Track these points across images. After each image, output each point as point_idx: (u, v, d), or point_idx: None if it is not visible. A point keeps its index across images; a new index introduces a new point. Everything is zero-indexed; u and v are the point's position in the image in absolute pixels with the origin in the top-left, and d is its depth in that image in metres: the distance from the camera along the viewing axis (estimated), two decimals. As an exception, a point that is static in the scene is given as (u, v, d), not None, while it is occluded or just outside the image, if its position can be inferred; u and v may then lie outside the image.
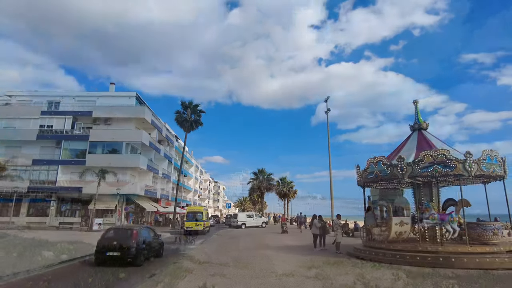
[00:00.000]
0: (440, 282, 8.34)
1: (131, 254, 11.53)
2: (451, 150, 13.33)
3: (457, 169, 11.99)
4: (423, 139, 15.03)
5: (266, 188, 56.66)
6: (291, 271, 10.05)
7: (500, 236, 12.63)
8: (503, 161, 12.77)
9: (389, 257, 11.93)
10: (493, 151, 12.48)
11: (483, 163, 12.09)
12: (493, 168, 12.31)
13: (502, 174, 12.70)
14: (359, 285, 8.04)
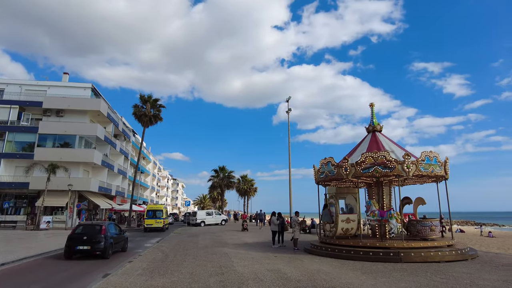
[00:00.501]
0: (391, 275, 8.82)
1: (100, 248, 12.62)
2: (398, 152, 14.18)
3: (396, 170, 12.69)
4: (374, 141, 15.84)
5: (226, 186, 56.49)
6: (250, 267, 10.10)
7: (437, 232, 13.30)
8: (445, 162, 13.52)
9: (344, 253, 12.40)
10: (433, 152, 13.10)
11: (421, 164, 12.69)
12: (432, 169, 12.85)
13: (443, 174, 13.37)
14: (314, 281, 8.24)
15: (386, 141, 15.60)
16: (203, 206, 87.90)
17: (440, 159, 13.19)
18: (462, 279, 8.40)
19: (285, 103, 35.76)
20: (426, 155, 12.85)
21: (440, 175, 13.37)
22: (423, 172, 12.75)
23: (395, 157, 13.20)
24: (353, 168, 13.67)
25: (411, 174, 12.69)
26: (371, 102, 17.08)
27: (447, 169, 13.62)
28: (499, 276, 8.82)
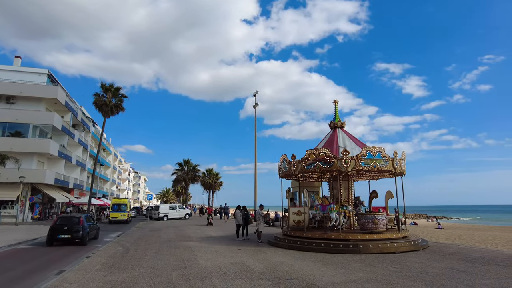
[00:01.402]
0: (350, 266, 9.18)
1: (79, 237, 14.86)
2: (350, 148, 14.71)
3: (335, 165, 13.24)
4: (332, 137, 16.45)
5: (191, 180, 55.79)
6: (213, 261, 10.07)
7: (381, 225, 13.41)
8: (393, 157, 13.61)
9: (306, 245, 12.70)
10: (376, 147, 13.36)
11: (361, 159, 13.04)
12: (375, 163, 13.10)
13: (391, 168, 13.55)
14: (277, 273, 8.39)
15: (343, 137, 16.11)
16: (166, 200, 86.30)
17: (385, 154, 13.37)
18: (414, 268, 8.92)
19: (252, 97, 35.87)
20: (368, 151, 13.22)
21: (387, 169, 13.66)
22: (363, 167, 13.17)
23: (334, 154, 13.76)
24: (300, 164, 14.37)
25: (350, 169, 13.22)
26: (335, 99, 17.57)
27: (398, 164, 13.75)
28: (446, 264, 9.49)
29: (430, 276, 7.92)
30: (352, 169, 13.45)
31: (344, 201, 16.22)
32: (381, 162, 13.25)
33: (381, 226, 13.48)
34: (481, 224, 52.76)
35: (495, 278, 7.72)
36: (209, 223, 26.11)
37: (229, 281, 7.41)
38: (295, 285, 7.06)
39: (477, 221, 68.20)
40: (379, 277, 7.82)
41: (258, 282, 7.35)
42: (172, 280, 7.55)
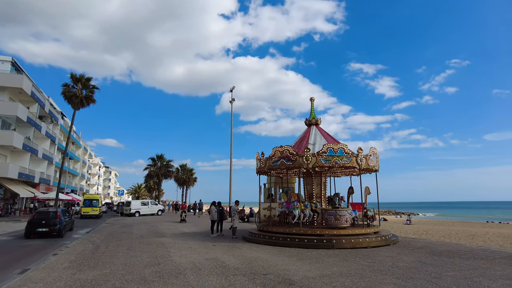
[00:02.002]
0: (325, 261, 9.33)
1: (56, 230, 15.77)
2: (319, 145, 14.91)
3: (297, 162, 13.55)
4: (305, 134, 16.69)
5: (164, 175, 54.84)
6: (187, 257, 9.92)
7: (343, 221, 13.59)
8: (358, 153, 13.49)
9: (281, 240, 12.80)
10: (338, 144, 13.71)
11: (322, 156, 13.27)
12: (336, 160, 13.29)
13: (354, 165, 13.54)
14: (252, 268, 8.38)
15: (315, 134, 16.29)
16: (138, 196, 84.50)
17: (348, 150, 13.50)
18: (386, 262, 9.19)
19: (229, 93, 35.73)
20: (329, 147, 13.41)
21: (350, 165, 13.71)
22: (325, 164, 13.41)
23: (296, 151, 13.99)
24: (267, 162, 14.81)
25: (311, 165, 13.46)
26: (311, 97, 17.77)
27: (363, 160, 13.63)
28: (415, 258, 9.85)
29: (400, 269, 8.18)
30: (313, 166, 13.69)
31: (317, 197, 16.52)
32: (343, 159, 13.35)
33: (343, 221, 13.58)
34: (445, 219, 55.38)
35: (459, 270, 8.09)
36: (182, 219, 25.71)
37: (204, 277, 7.31)
38: (271, 280, 7.08)
39: (441, 217, 71.52)
40: (352, 271, 7.99)
41: (233, 277, 7.30)
42: (145, 277, 7.36)
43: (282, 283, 6.84)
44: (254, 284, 6.73)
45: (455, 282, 6.90)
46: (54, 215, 16.23)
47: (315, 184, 16.75)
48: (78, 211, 37.42)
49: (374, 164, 14.43)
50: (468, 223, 41.23)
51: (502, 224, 42.99)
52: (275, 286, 6.62)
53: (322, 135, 16.21)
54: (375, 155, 14.70)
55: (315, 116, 17.53)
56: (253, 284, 6.77)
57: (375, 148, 14.74)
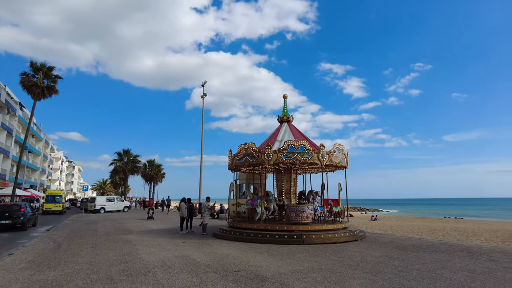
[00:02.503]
0: (295, 256, 9.38)
1: (20, 222, 16.71)
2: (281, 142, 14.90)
3: (259, 159, 13.74)
4: (276, 132, 16.78)
5: (131, 171, 53.21)
6: (156, 254, 9.63)
7: (304, 217, 13.51)
8: (320, 150, 13.56)
9: (252, 236, 12.76)
10: (299, 141, 13.62)
11: (283, 152, 13.39)
12: (297, 156, 13.36)
13: (315, 161, 13.54)
14: (224, 265, 8.26)
15: (285, 131, 16.35)
16: (103, 192, 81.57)
17: (309, 147, 13.47)
18: (355, 257, 9.40)
19: (199, 88, 35.14)
20: (290, 144, 13.50)
21: (311, 162, 13.70)
22: (285, 160, 13.56)
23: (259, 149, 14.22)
24: (234, 159, 15.05)
25: (272, 162, 13.64)
26: (284, 94, 17.79)
27: (325, 156, 13.61)
28: (382, 252, 10.15)
29: (369, 264, 8.39)
30: (275, 163, 13.83)
31: (286, 193, 16.65)
32: (304, 155, 13.38)
33: (304, 217, 13.57)
34: (407, 215, 58.00)
35: (423, 264, 8.43)
36: (149, 216, 24.97)
37: (174, 275, 7.10)
38: (243, 277, 7.00)
39: (403, 213, 74.86)
40: (323, 266, 8.08)
41: (204, 275, 7.15)
42: (112, 276, 7.03)
43: (255, 279, 6.78)
44: (226, 281, 6.62)
45: (419, 275, 7.16)
46: (18, 208, 17.12)
47: (285, 181, 16.88)
48: (38, 207, 35.48)
49: (339, 160, 14.36)
50: (428, 218, 43.45)
51: (457, 219, 45.70)
52: (247, 282, 6.54)
53: (291, 132, 16.23)
54: (342, 151, 14.56)
55: (286, 113, 17.59)
56: (225, 281, 6.66)
57: (341, 144, 14.65)
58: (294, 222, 13.59)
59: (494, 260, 9.07)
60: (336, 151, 14.21)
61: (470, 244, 12.72)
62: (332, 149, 14.09)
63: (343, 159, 14.70)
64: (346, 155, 15.15)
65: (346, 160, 15.11)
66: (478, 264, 8.49)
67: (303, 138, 15.36)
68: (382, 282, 6.53)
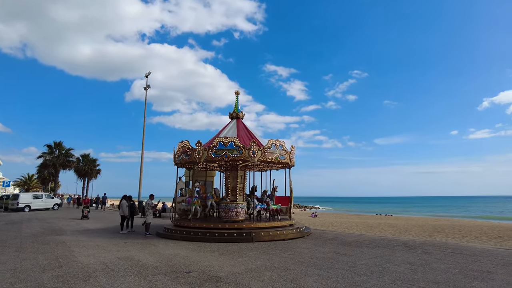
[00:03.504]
0: (247, 255, 9.21)
1: None
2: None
3: (192, 157, 13.78)
4: (223, 128, 16.55)
5: (62, 165, 48.79)
6: (96, 257, 8.77)
7: (233, 214, 13.51)
8: (251, 146, 13.19)
9: (200, 235, 12.33)
10: (228, 138, 13.33)
11: (213, 149, 13.31)
12: (226, 153, 13.21)
13: (246, 158, 13.27)
14: (173, 266, 7.80)
15: (231, 128, 16.11)
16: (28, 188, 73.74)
17: (238, 143, 13.20)
18: (304, 253, 9.52)
19: (141, 80, 33.77)
20: (219, 141, 13.36)
21: (240, 158, 13.54)
22: (215, 158, 13.53)
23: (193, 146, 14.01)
24: (174, 156, 15.02)
25: (203, 159, 13.59)
26: (236, 90, 17.56)
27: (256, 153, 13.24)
28: (329, 249, 10.44)
29: (320, 260, 8.53)
30: (205, 160, 13.73)
31: (232, 190, 16.44)
32: (233, 152, 13.23)
33: (233, 215, 13.50)
34: (343, 213, 61.45)
35: (369, 259, 8.80)
36: (84, 216, 22.84)
37: (119, 279, 6.47)
38: (196, 278, 6.62)
39: (338, 210, 79.21)
40: (276, 264, 8.02)
41: (153, 277, 6.63)
42: (44, 284, 6.17)
43: (209, 280, 6.46)
44: (178, 284, 6.20)
45: (369, 269, 7.43)
46: None
47: (231, 178, 16.66)
48: None
49: (276, 156, 13.78)
50: (362, 215, 46.44)
51: (388, 216, 49.58)
52: (201, 284, 6.19)
53: (237, 129, 15.92)
54: (280, 147, 14.07)
55: (237, 110, 17.36)
56: (177, 283, 6.24)
57: (281, 140, 14.12)
58: (224, 219, 13.52)
59: (428, 252, 9.82)
60: (272, 147, 13.72)
61: (405, 239, 13.72)
62: (267, 145, 13.65)
63: (282, 155, 14.11)
64: (290, 152, 14.67)
65: (289, 157, 14.62)
66: (415, 257, 9.11)
67: (247, 136, 15.18)
68: (336, 278, 6.64)
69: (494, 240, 16.13)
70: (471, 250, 10.29)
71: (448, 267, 7.80)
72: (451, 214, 61.64)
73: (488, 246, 12.25)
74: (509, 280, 6.61)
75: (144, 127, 32.94)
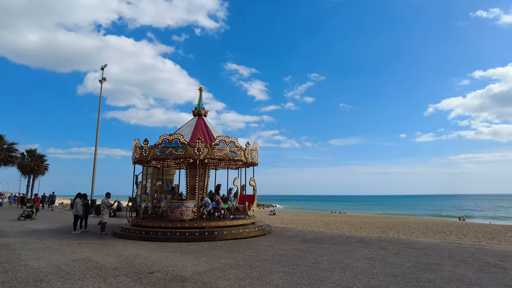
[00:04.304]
0: (210, 253, 9.09)
1: None
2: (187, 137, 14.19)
3: (141, 155, 13.74)
4: (182, 126, 16.29)
5: (4, 161, 44.93)
6: (48, 259, 8.17)
7: (178, 214, 13.29)
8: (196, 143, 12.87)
9: (160, 235, 11.98)
10: (173, 135, 13.11)
11: (158, 147, 13.19)
12: (170, 151, 13.00)
13: (191, 155, 12.92)
14: (135, 267, 7.49)
15: (189, 125, 15.84)
16: (-39, 186, 66.87)
17: (183, 140, 12.96)
18: (268, 251, 9.60)
19: (95, 73, 32.67)
20: (164, 139, 13.21)
21: (184, 155, 13.13)
22: (159, 156, 13.46)
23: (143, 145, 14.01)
24: (132, 154, 14.83)
25: (149, 157, 13.56)
26: (200, 86, 17.31)
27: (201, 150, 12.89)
28: (291, 246, 10.63)
29: (283, 257, 8.66)
30: (152, 158, 13.68)
31: (192, 188, 16.18)
32: (178, 149, 13.04)
33: (178, 214, 13.32)
34: (300, 211, 62.98)
35: (330, 255, 9.09)
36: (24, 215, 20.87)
37: (75, 282, 6.08)
38: (159, 278, 6.41)
39: (296, 208, 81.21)
40: (240, 262, 8.00)
41: (114, 279, 6.31)
42: (-11, 290, 5.64)
43: (173, 280, 6.28)
44: (142, 285, 5.96)
45: (331, 265, 7.67)
46: None
47: (191, 176, 16.41)
48: None
49: (225, 153, 13.30)
50: (319, 213, 47.94)
51: (342, 213, 51.67)
52: (166, 284, 6.00)
53: (195, 126, 15.59)
54: (231, 144, 13.56)
55: (199, 107, 17.08)
56: (140, 284, 5.99)
57: (231, 137, 13.57)
58: (171, 218, 13.38)
59: (384, 248, 10.37)
60: (221, 144, 13.27)
61: (362, 236, 14.35)
62: (215, 142, 13.25)
63: (234, 152, 13.53)
64: (245, 149, 14.09)
65: (243, 154, 14.02)
66: (373, 252, 9.57)
67: (203, 133, 14.74)
68: (301, 274, 6.77)
69: (438, 235, 17.44)
70: (420, 245, 11.02)
71: (403, 260, 8.29)
72: (400, 212, 65.80)
73: (434, 241, 13.19)
74: (454, 270, 7.17)
75: (98, 122, 31.30)
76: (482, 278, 6.49)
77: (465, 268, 7.41)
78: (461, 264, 7.86)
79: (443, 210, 71.12)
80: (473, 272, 7.01)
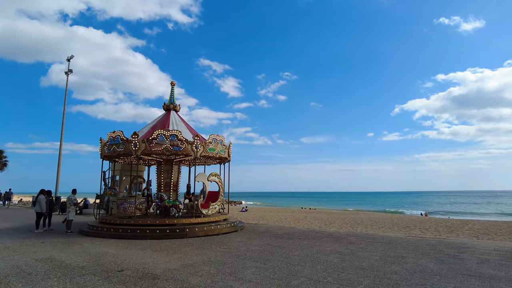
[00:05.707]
0: (182, 251, 8.98)
1: None
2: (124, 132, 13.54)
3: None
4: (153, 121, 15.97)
5: (-43, 156, 41.88)
6: (7, 260, 7.74)
7: (121, 210, 13.31)
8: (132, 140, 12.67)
9: (129, 232, 11.68)
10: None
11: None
12: (114, 148, 13.06)
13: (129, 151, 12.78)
14: (103, 266, 7.26)
15: (159, 122, 15.54)
16: None
17: (124, 137, 12.90)
18: (240, 247, 9.63)
19: (60, 64, 31.17)
20: (111, 136, 13.23)
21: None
22: (107, 153, 13.53)
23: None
24: (101, 148, 14.54)
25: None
26: (172, 81, 16.99)
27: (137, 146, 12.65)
28: (263, 242, 10.72)
29: (255, 253, 8.71)
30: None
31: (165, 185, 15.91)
32: (119, 146, 13.00)
33: (121, 211, 13.28)
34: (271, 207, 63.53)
35: (301, 250, 9.26)
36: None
37: (38, 283, 5.80)
38: (129, 276, 6.25)
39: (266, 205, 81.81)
40: (213, 258, 7.97)
41: (81, 278, 6.09)
42: None
43: (144, 278, 6.15)
44: (111, 283, 5.79)
45: (302, 260, 7.82)
46: None
47: (165, 173, 16.13)
48: None
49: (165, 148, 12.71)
50: (290, 209, 48.60)
51: (311, 210, 52.70)
52: (136, 282, 5.87)
53: (163, 122, 15.28)
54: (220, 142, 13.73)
55: (170, 101, 16.76)
56: (109, 283, 5.82)
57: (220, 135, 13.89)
58: (119, 215, 13.33)
59: (352, 242, 10.69)
60: (213, 142, 13.30)
61: (331, 231, 14.72)
62: (208, 140, 13.26)
63: (176, 146, 12.76)
64: (228, 147, 14.37)
65: (227, 152, 14.39)
66: (342, 246, 9.85)
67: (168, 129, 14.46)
68: (273, 269, 6.85)
69: (403, 229, 18.24)
70: (387, 239, 11.47)
71: (370, 254, 8.59)
72: (367, 208, 68.07)
73: (400, 235, 13.78)
74: (418, 262, 7.54)
75: (64, 115, 29.97)
76: (443, 269, 6.87)
77: (428, 260, 7.80)
78: (424, 256, 8.26)
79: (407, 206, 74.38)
80: (434, 263, 7.40)
